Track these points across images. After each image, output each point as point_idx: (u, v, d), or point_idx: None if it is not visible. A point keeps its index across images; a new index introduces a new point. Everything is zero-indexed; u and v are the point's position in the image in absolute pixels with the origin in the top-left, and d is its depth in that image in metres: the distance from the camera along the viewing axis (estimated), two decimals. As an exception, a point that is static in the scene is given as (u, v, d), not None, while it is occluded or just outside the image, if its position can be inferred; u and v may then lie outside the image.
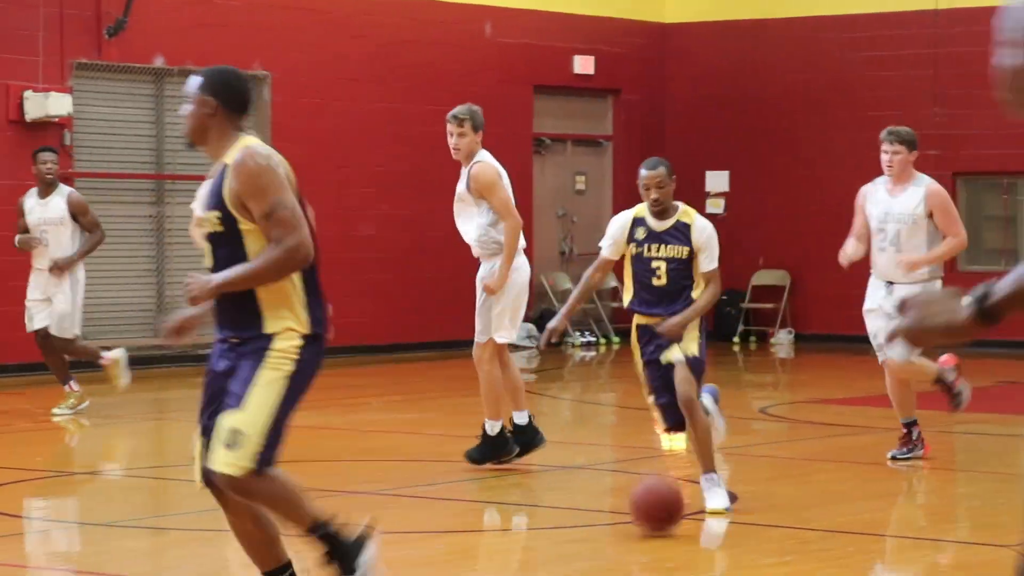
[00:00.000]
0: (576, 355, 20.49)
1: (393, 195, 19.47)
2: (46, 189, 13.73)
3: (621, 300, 9.22)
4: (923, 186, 10.58)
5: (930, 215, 10.48)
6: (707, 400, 8.94)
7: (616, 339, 21.14)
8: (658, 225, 8.92)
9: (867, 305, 10.69)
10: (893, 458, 10.75)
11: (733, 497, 8.83)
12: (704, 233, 8.88)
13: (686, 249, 8.85)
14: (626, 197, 22.20)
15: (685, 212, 8.94)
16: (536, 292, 21.26)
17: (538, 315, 21.06)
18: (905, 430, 10.78)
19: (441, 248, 18.82)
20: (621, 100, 22.17)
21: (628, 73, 22.01)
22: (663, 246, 8.88)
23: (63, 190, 13.79)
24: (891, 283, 10.55)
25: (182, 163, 18.33)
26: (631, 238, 8.97)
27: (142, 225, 18.09)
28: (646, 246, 8.91)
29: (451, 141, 10.58)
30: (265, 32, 18.66)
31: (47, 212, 13.67)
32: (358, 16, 19.40)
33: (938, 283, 10.53)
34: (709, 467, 8.75)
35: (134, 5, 17.48)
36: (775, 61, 21.65)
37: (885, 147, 10.57)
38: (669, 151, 22.48)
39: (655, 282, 8.88)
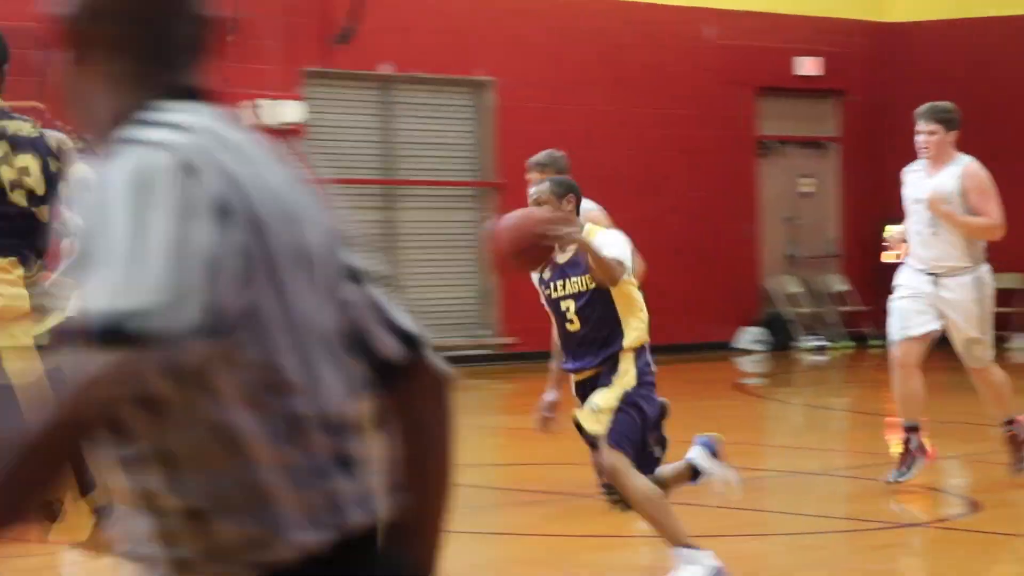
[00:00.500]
0: (806, 359, 20.24)
1: (619, 198, 19.42)
2: None
3: (849, 303, 8.89)
4: (961, 165, 9.52)
5: (966, 195, 9.42)
6: (699, 456, 7.60)
7: (848, 343, 20.82)
8: (561, 256, 7.04)
9: (900, 293, 9.50)
10: (890, 482, 9.42)
11: (974, 505, 8.58)
12: (604, 240, 6.91)
13: (587, 276, 6.97)
14: (853, 199, 21.91)
15: (588, 232, 6.93)
16: (761, 296, 21.05)
17: (766, 319, 20.84)
18: (905, 438, 9.45)
19: (669, 250, 18.73)
20: (846, 101, 21.86)
21: (853, 74, 21.71)
22: (567, 281, 7.03)
23: None
24: (934, 274, 9.45)
25: (410, 168, 18.55)
26: (540, 279, 7.13)
27: (370, 230, 18.35)
28: (552, 285, 7.07)
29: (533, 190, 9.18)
30: (489, 38, 18.79)
31: None
32: (580, 21, 19.43)
33: (984, 271, 9.51)
34: (675, 541, 7.07)
35: (361, 13, 17.73)
36: (1006, 59, 21.14)
37: (920, 126, 9.54)
38: (897, 153, 22.10)
39: (570, 328, 7.02)
